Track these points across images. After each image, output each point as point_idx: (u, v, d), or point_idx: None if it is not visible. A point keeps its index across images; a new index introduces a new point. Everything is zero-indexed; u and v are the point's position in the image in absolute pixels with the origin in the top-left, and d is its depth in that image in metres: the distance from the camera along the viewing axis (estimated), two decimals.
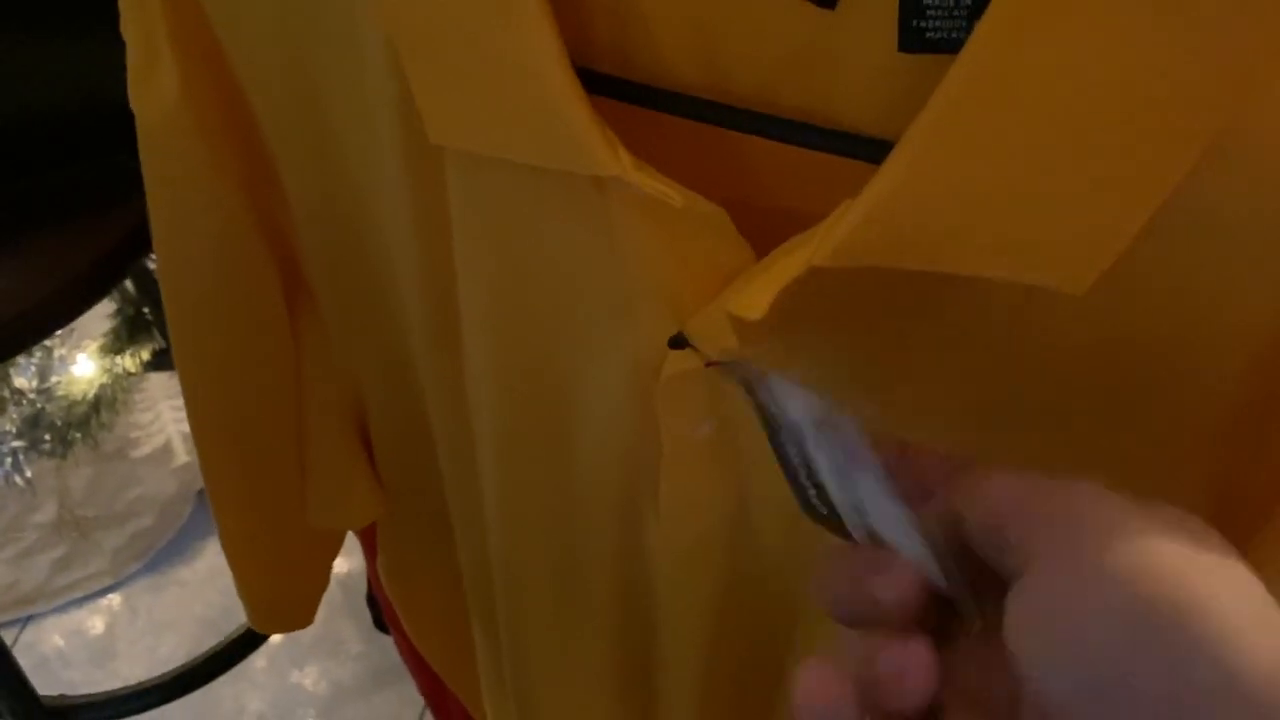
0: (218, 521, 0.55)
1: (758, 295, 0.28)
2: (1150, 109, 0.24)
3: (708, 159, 0.31)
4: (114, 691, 0.92)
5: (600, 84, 0.29)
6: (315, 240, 0.45)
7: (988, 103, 0.24)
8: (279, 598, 0.60)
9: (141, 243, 0.62)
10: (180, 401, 1.34)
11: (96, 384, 0.98)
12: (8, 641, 0.84)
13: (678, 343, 0.32)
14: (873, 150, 0.27)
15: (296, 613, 0.61)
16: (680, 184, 0.29)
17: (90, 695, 0.91)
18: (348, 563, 1.22)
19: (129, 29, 0.40)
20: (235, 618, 1.17)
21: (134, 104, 0.42)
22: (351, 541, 1.11)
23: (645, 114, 0.30)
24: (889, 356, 0.32)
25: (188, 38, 0.39)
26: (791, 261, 0.28)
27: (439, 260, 0.38)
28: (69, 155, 0.56)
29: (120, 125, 0.47)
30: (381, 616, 1.07)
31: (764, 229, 0.30)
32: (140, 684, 0.92)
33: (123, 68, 0.43)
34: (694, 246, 0.30)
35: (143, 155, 0.44)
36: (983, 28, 0.24)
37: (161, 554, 1.23)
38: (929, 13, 0.25)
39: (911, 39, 0.26)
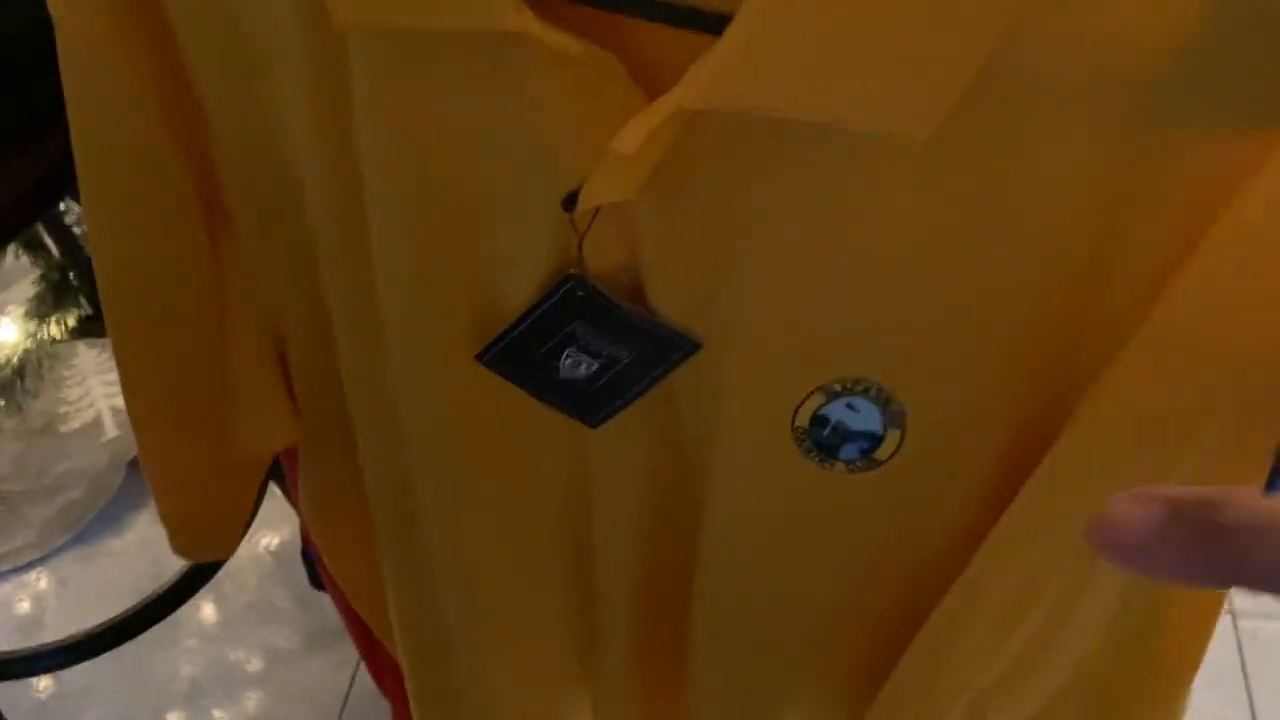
0: (139, 439, 0.57)
1: (632, 133, 0.31)
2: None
3: (602, 35, 0.33)
4: (40, 646, 0.92)
5: None
6: (231, 159, 0.47)
7: None
8: (199, 521, 0.62)
9: (56, 188, 0.63)
10: (111, 376, 1.35)
11: (20, 349, 0.99)
12: None
13: (570, 203, 0.35)
14: (725, 24, 0.30)
15: (217, 540, 0.62)
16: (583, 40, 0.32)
17: (16, 650, 0.92)
18: (279, 534, 1.24)
19: None
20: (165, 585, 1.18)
21: (53, 9, 0.44)
22: (283, 512, 1.12)
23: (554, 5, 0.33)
24: (756, 211, 0.35)
25: None
26: (661, 104, 0.31)
27: (346, 164, 0.41)
28: (20, 79, 0.57)
29: (36, 57, 0.49)
30: (317, 574, 1.08)
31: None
32: (70, 637, 0.92)
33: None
34: (595, 97, 0.33)
35: (62, 64, 0.45)
36: None
37: (91, 526, 1.23)
38: None
39: None
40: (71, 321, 1.01)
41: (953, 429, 0.39)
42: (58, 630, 1.17)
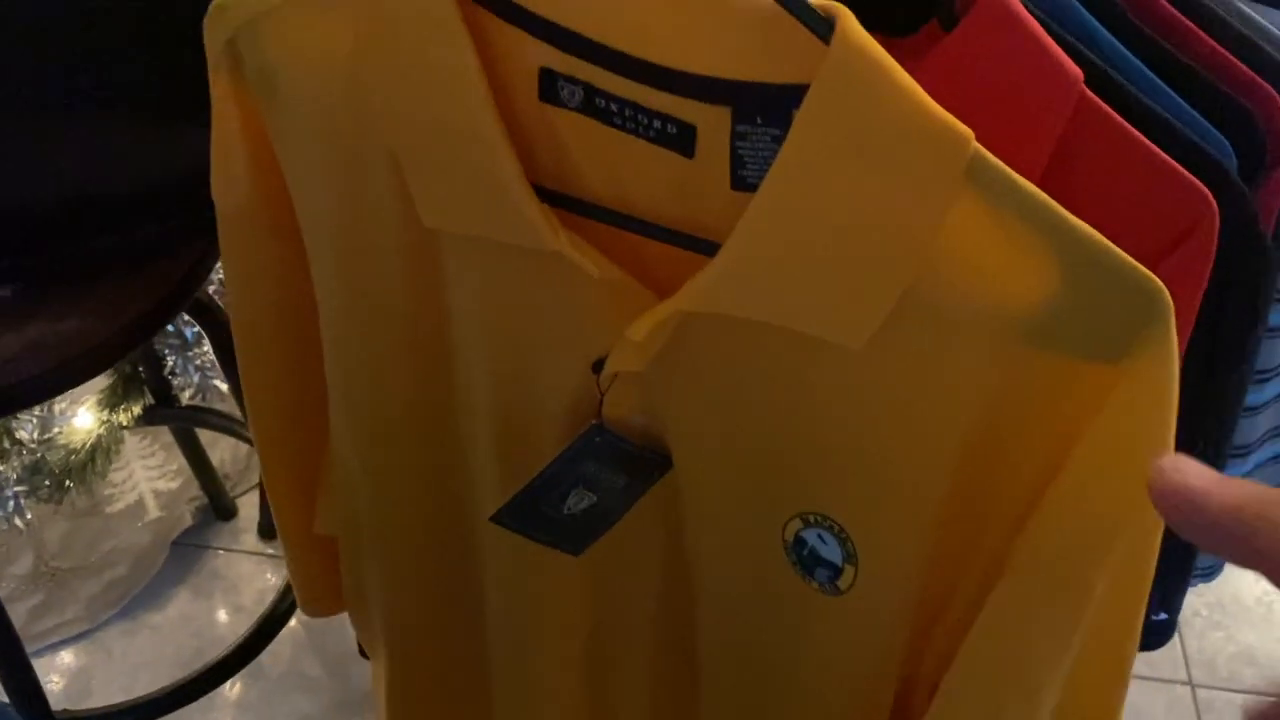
0: (277, 519, 0.67)
1: (641, 327, 0.43)
2: (864, 242, 0.39)
3: (618, 246, 0.45)
4: (106, 707, 1.01)
5: (546, 195, 0.44)
6: (325, 300, 0.57)
7: (769, 222, 0.40)
8: (313, 585, 0.72)
9: (180, 299, 0.75)
10: (152, 461, 1.44)
11: (94, 435, 1.09)
12: None
13: (598, 367, 0.47)
14: (714, 250, 0.42)
15: (328, 601, 0.72)
16: (605, 257, 0.44)
17: (86, 710, 1.00)
18: None
19: (217, 133, 0.53)
20: (205, 660, 1.26)
21: (215, 196, 0.56)
22: None
23: (579, 219, 0.45)
24: (736, 380, 0.47)
25: (258, 153, 0.52)
26: (665, 306, 0.43)
27: (429, 314, 0.52)
28: (139, 218, 0.70)
29: (181, 194, 0.61)
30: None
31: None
32: (128, 702, 1.01)
33: (192, 151, 0.56)
34: (615, 295, 0.45)
35: (220, 231, 0.57)
36: (767, 180, 0.39)
37: (135, 601, 1.32)
38: (748, 165, 0.41)
39: (738, 182, 0.41)
40: (137, 410, 1.12)
41: (891, 573, 0.49)
42: (104, 699, 1.25)
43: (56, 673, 1.27)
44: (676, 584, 0.57)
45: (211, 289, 0.90)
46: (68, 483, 1.09)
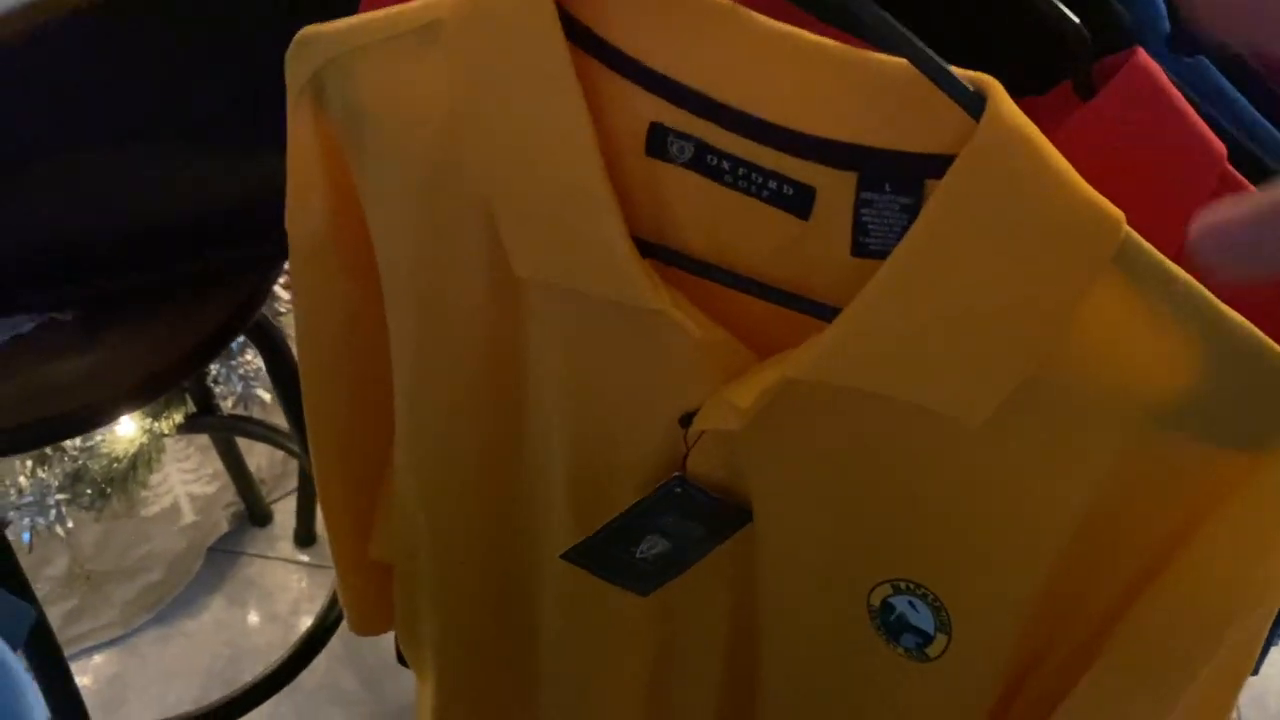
0: (332, 543, 0.66)
1: (747, 391, 0.42)
2: (995, 322, 0.37)
3: (714, 302, 0.43)
4: None
5: (646, 248, 0.42)
6: (398, 363, 0.56)
7: (897, 294, 0.38)
8: (361, 605, 0.71)
9: (237, 325, 0.73)
10: (188, 464, 1.43)
11: (135, 443, 1.08)
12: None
13: (686, 421, 0.46)
14: (828, 313, 0.40)
15: (378, 621, 0.71)
16: (705, 315, 0.42)
17: None
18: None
19: (294, 166, 0.52)
20: (239, 668, 1.26)
21: (289, 228, 0.54)
22: None
23: (680, 273, 0.43)
24: (835, 449, 0.45)
25: (336, 187, 0.51)
26: (771, 372, 0.41)
27: (507, 360, 0.50)
28: (203, 247, 0.68)
29: (244, 223, 0.59)
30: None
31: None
32: None
33: (258, 180, 0.55)
34: (713, 353, 0.43)
35: (292, 265, 0.56)
36: (898, 251, 0.37)
37: (170, 607, 1.31)
38: (872, 233, 0.39)
39: (859, 249, 0.39)
40: (179, 418, 1.11)
41: (985, 643, 0.47)
42: (137, 705, 1.24)
43: (90, 678, 1.26)
44: (744, 633, 0.55)
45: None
46: (108, 490, 1.08)
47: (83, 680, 1.25)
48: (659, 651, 0.59)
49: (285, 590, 1.34)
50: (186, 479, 1.40)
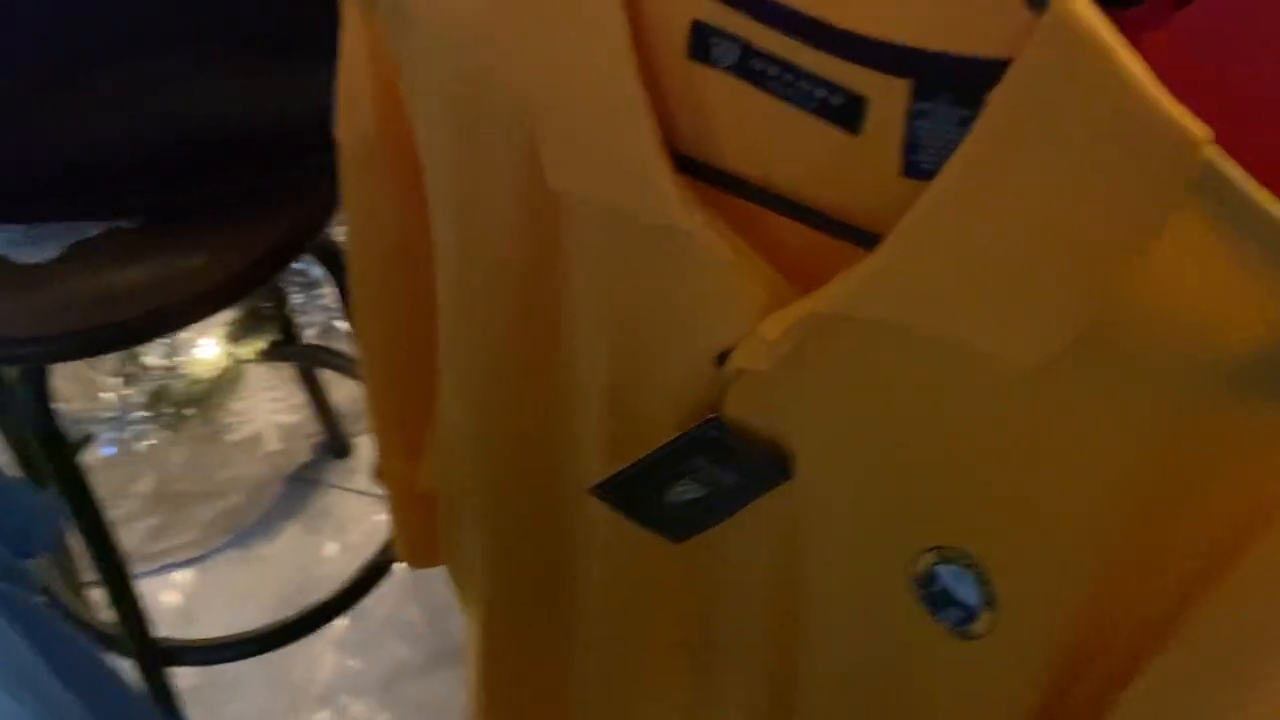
0: (382, 470, 0.66)
1: (774, 325, 0.38)
2: (1057, 253, 0.33)
3: (757, 226, 0.40)
4: (211, 639, 1.02)
5: (684, 163, 0.39)
6: (443, 259, 0.54)
7: (944, 219, 0.34)
8: (413, 536, 0.70)
9: (303, 241, 0.73)
10: (275, 394, 1.46)
11: (218, 367, 1.10)
12: (100, 599, 0.95)
13: (722, 359, 0.43)
14: (873, 241, 0.36)
15: (427, 553, 0.71)
16: (742, 240, 0.39)
17: (190, 640, 1.02)
18: None
19: (343, 66, 0.51)
20: (309, 594, 1.27)
21: (338, 133, 0.53)
22: None
23: (719, 193, 0.40)
24: (876, 393, 0.41)
25: (384, 91, 0.49)
26: (805, 304, 0.38)
27: (548, 277, 0.48)
28: (266, 159, 0.68)
29: (308, 137, 0.58)
30: None
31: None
32: (233, 635, 1.02)
33: (322, 93, 0.54)
34: (747, 280, 0.40)
35: (341, 169, 0.55)
36: (946, 169, 0.33)
37: (247, 531, 1.34)
38: (925, 150, 0.35)
39: (911, 168, 0.36)
40: (261, 346, 1.13)
41: (1035, 624, 0.43)
42: (209, 623, 1.27)
43: (168, 594, 1.30)
44: (782, 596, 0.52)
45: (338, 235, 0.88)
46: (188, 411, 1.10)
47: (160, 595, 1.29)
48: (701, 605, 0.57)
49: (359, 522, 1.35)
50: (272, 408, 1.43)
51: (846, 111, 0.36)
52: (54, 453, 0.75)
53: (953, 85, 0.34)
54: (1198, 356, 0.34)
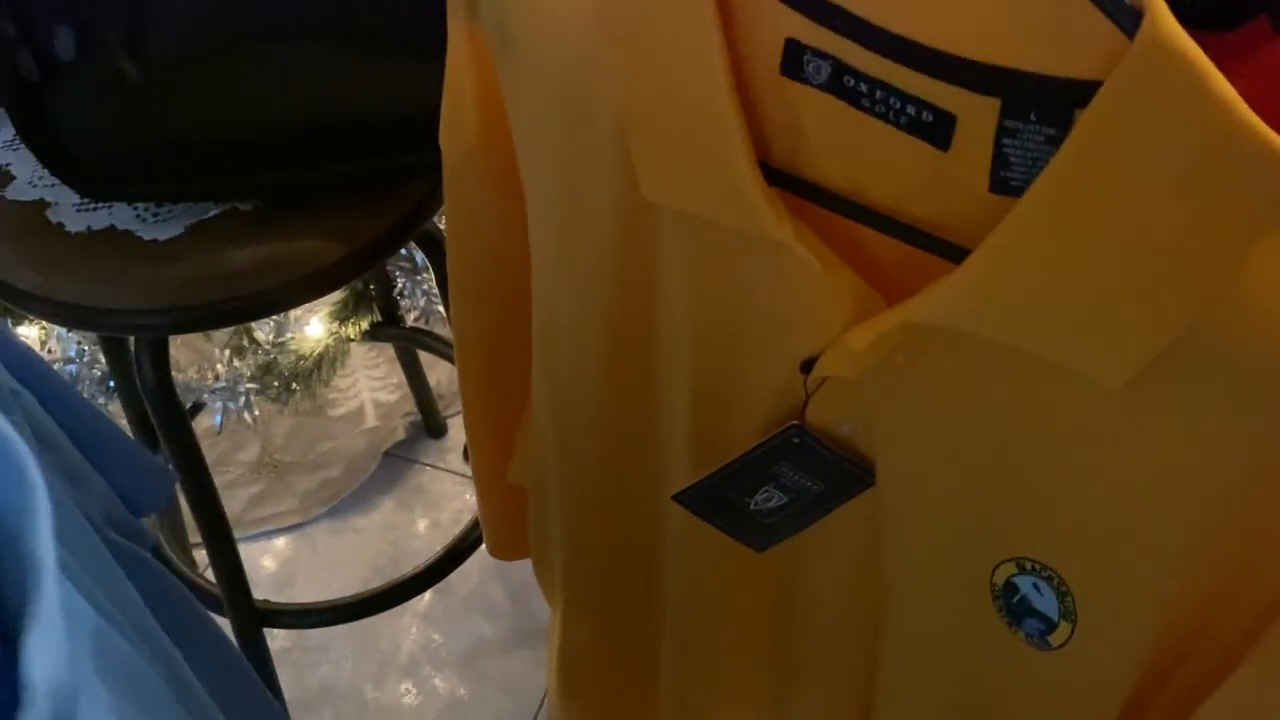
0: (473, 461, 0.68)
1: (862, 335, 0.39)
2: (1145, 270, 0.33)
3: (846, 238, 0.41)
4: (306, 604, 1.07)
5: (775, 175, 0.40)
6: (536, 278, 0.56)
7: (1032, 234, 0.34)
8: (502, 529, 0.73)
9: (409, 228, 0.75)
10: (377, 372, 1.50)
11: (322, 344, 1.14)
12: (205, 560, 0.99)
13: (807, 367, 0.43)
14: (961, 255, 0.37)
15: (515, 545, 0.73)
16: (831, 251, 0.39)
17: (286, 604, 1.06)
18: None
19: (449, 77, 0.52)
20: (400, 567, 1.31)
21: (442, 141, 0.55)
22: None
23: (808, 205, 0.41)
24: (961, 406, 0.42)
25: (487, 102, 0.51)
26: (893, 314, 0.38)
27: (639, 284, 0.49)
28: (378, 148, 0.71)
29: (416, 130, 0.60)
30: None
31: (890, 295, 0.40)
32: (326, 602, 1.06)
33: (433, 88, 0.56)
34: (835, 290, 0.41)
35: (445, 176, 0.57)
36: (1036, 186, 0.34)
37: (343, 503, 1.39)
38: (1013, 167, 0.35)
39: (999, 184, 0.36)
40: (365, 325, 1.16)
41: (1113, 638, 0.43)
42: (305, 588, 1.32)
43: (267, 558, 1.35)
44: (864, 604, 0.53)
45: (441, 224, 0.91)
46: (294, 385, 1.15)
47: (260, 560, 1.35)
48: (784, 612, 0.58)
49: (450, 500, 1.39)
50: (373, 385, 1.47)
51: (936, 128, 0.37)
52: (169, 419, 0.80)
53: (1041, 104, 0.34)
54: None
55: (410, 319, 1.21)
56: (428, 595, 1.31)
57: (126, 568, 0.45)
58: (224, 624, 1.00)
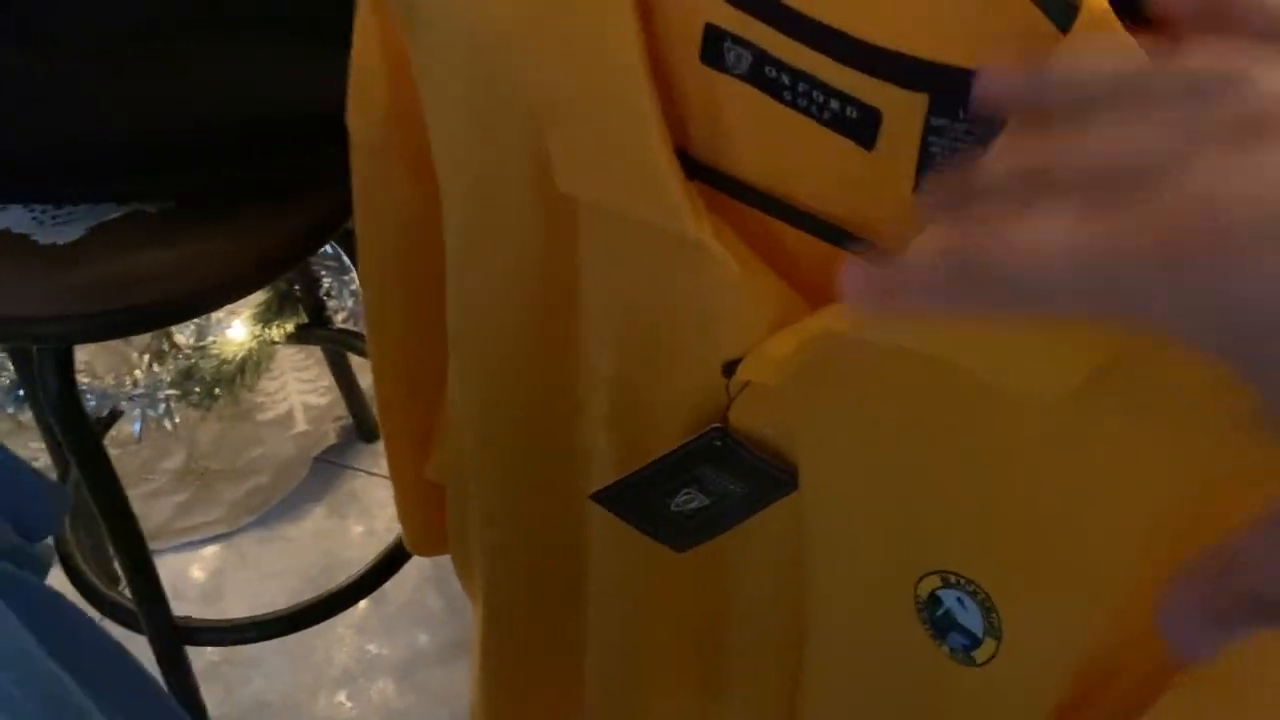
0: (389, 457, 0.65)
1: (783, 342, 0.37)
2: None
3: (769, 237, 0.39)
4: (231, 620, 1.03)
5: (694, 167, 0.38)
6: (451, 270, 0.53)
7: None
8: (420, 524, 0.70)
9: (327, 229, 0.72)
10: (306, 374, 1.46)
11: (246, 348, 1.10)
12: None
13: (729, 369, 0.41)
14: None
15: (434, 541, 0.70)
16: (752, 251, 0.37)
17: (209, 620, 1.02)
18: None
19: (356, 55, 0.50)
20: (333, 576, 1.28)
21: (349, 119, 0.52)
22: None
23: (730, 200, 0.39)
24: (883, 416, 0.40)
25: (399, 78, 0.48)
26: (814, 324, 0.36)
27: (558, 277, 0.47)
28: (283, 149, 0.67)
29: (332, 125, 0.58)
30: None
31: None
32: (253, 617, 1.03)
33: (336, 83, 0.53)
34: (759, 296, 0.39)
35: (353, 162, 0.54)
36: None
37: (273, 511, 1.35)
38: (938, 168, 0.33)
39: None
40: (290, 328, 1.13)
41: (1038, 657, 0.42)
42: (234, 600, 1.28)
43: (195, 569, 1.31)
44: (788, 609, 0.51)
45: None
46: (217, 390, 1.11)
47: (188, 571, 1.30)
48: (707, 615, 0.56)
49: (384, 506, 1.36)
50: (302, 389, 1.43)
51: (861, 125, 0.35)
52: (74, 432, 0.76)
53: (969, 101, 0.32)
54: (1231, 390, 0.32)
55: (338, 320, 1.18)
56: (363, 604, 1.27)
57: (7, 596, 0.43)
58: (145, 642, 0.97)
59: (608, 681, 0.63)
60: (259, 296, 1.12)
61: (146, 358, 1.09)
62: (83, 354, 1.14)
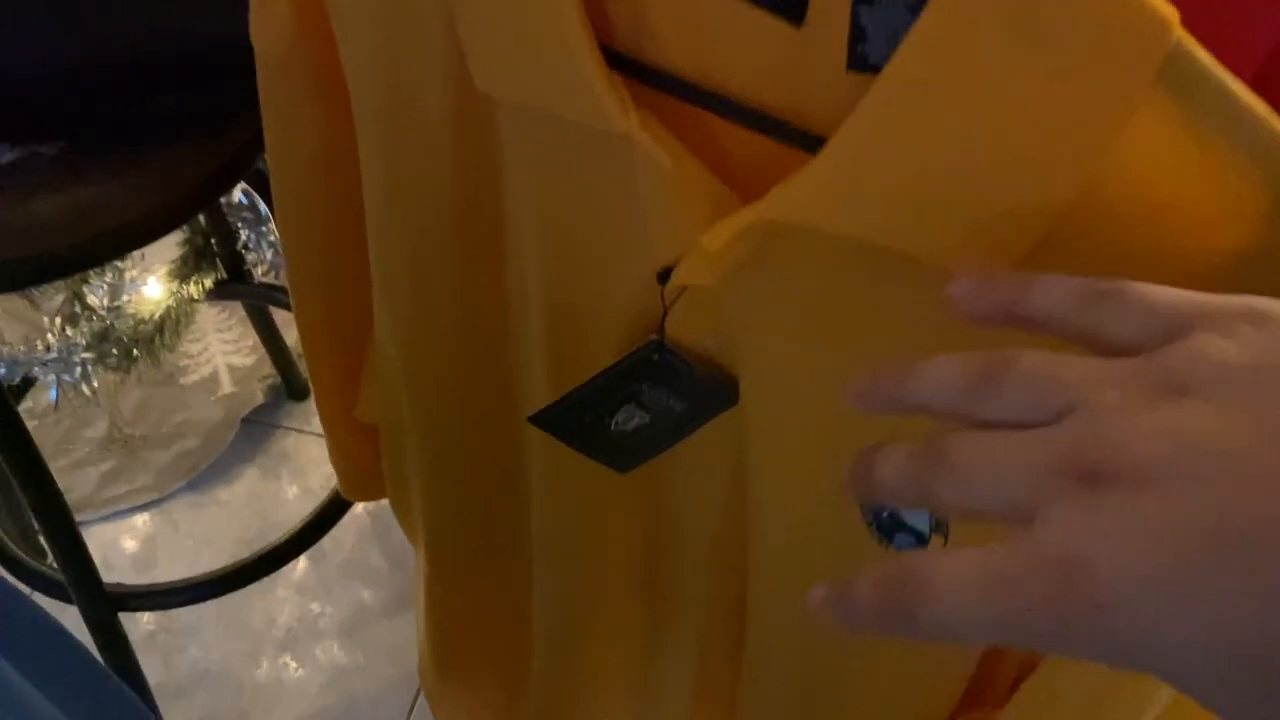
0: (317, 400, 0.63)
1: (717, 235, 0.36)
2: (1015, 150, 0.30)
3: (699, 131, 0.37)
4: (163, 584, 1.00)
5: (618, 61, 0.36)
6: (369, 193, 0.52)
7: (890, 117, 0.31)
8: (354, 470, 0.68)
9: (237, 169, 0.69)
10: (229, 335, 1.42)
11: (163, 306, 1.06)
12: None
13: (664, 277, 0.40)
14: (820, 146, 0.33)
15: (369, 487, 0.68)
16: (681, 144, 0.36)
17: (141, 585, 0.99)
18: None
19: None
20: (269, 538, 1.25)
21: (254, 38, 0.50)
22: None
23: (657, 94, 0.37)
24: (823, 314, 0.39)
25: None
26: (747, 212, 0.35)
27: (481, 192, 0.45)
28: (186, 82, 0.64)
29: (240, 58, 0.55)
30: None
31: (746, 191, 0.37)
32: (187, 580, 1.00)
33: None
34: (688, 191, 0.37)
35: (260, 81, 0.51)
36: (892, 63, 0.30)
37: (204, 475, 1.31)
38: (871, 40, 0.32)
39: (857, 61, 0.33)
40: (209, 284, 1.09)
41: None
42: (167, 568, 1.25)
43: (126, 539, 1.27)
44: (733, 525, 0.50)
45: None
46: (135, 352, 1.07)
47: (120, 540, 1.27)
48: (652, 537, 0.55)
49: (319, 465, 1.33)
50: (227, 349, 1.39)
51: (788, 2, 0.33)
52: None
53: None
54: (1164, 255, 0.32)
55: (258, 274, 1.14)
56: (302, 564, 1.25)
57: None
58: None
59: (554, 622, 0.62)
60: (174, 252, 1.07)
61: (58, 320, 1.04)
62: None
